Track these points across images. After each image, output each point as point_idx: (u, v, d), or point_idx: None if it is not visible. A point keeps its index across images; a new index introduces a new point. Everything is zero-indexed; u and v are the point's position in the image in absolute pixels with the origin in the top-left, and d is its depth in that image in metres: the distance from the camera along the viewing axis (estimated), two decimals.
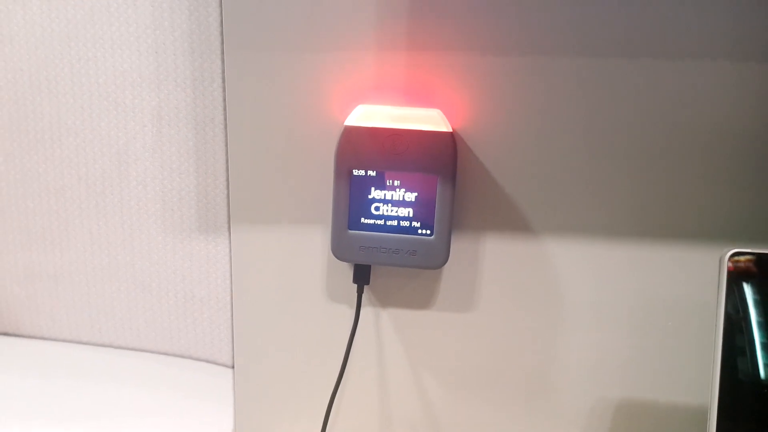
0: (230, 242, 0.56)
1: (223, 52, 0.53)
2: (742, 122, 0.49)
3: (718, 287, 0.41)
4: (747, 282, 0.41)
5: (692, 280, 0.52)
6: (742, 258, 0.40)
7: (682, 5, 0.47)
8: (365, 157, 0.49)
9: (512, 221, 0.52)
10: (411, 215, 0.50)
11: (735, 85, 0.48)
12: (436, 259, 0.50)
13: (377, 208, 0.50)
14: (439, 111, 0.49)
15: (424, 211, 0.49)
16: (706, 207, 0.50)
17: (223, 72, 0.54)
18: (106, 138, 0.57)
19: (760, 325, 0.41)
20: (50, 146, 0.58)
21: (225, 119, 0.55)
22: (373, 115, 0.49)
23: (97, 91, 0.56)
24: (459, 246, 0.52)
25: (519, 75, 0.49)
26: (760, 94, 0.48)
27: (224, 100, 0.54)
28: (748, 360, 0.42)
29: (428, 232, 0.50)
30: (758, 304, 0.41)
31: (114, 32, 0.55)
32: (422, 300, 0.54)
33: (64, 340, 0.65)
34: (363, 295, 0.53)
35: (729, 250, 0.40)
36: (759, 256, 0.40)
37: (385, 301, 0.54)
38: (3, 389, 0.59)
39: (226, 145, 0.55)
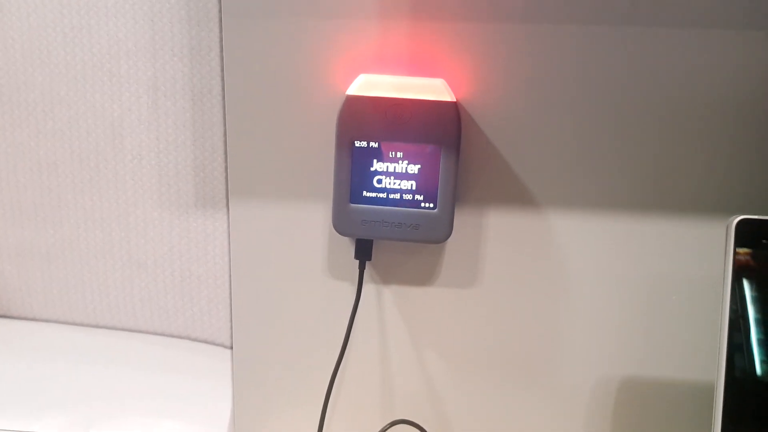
0: (228, 218, 0.56)
1: (221, 20, 0.53)
2: (746, 92, 0.49)
3: (725, 255, 0.41)
4: (754, 249, 0.42)
5: (697, 254, 0.52)
6: (749, 224, 0.41)
7: None
8: (367, 127, 0.49)
9: (516, 194, 0.52)
10: (414, 188, 0.50)
11: (738, 54, 0.49)
12: (439, 233, 0.51)
13: (379, 181, 0.50)
14: (442, 80, 0.50)
15: (427, 183, 0.50)
16: (710, 179, 0.51)
17: (221, 41, 0.54)
18: (100, 110, 0.58)
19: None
20: (42, 119, 0.59)
21: (223, 90, 0.55)
22: (376, 84, 0.49)
23: (90, 61, 0.57)
24: (462, 220, 0.53)
25: (524, 44, 0.49)
26: (762, 63, 0.49)
27: (222, 70, 0.55)
28: (756, 331, 0.42)
29: (431, 205, 0.50)
30: (766, 272, 0.41)
31: (108, 0, 0.55)
32: (425, 276, 0.55)
33: (57, 321, 0.65)
34: (365, 271, 0.54)
35: (736, 217, 0.41)
36: (766, 223, 0.41)
37: (387, 277, 0.55)
38: None
39: (224, 117, 0.55)
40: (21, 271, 0.63)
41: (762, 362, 0.42)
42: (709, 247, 0.52)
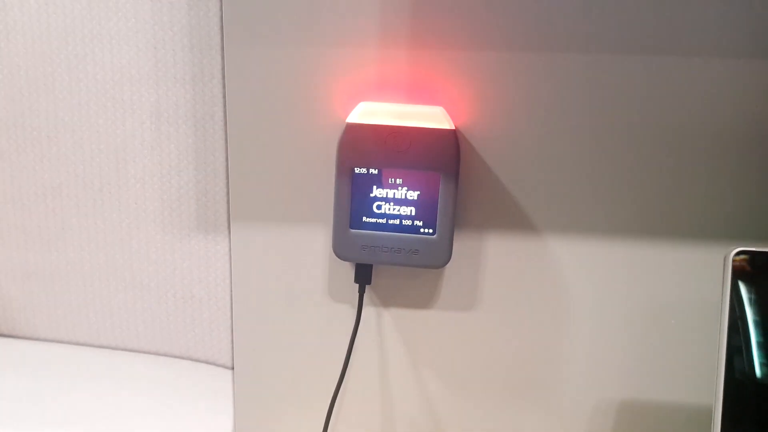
0: (230, 241, 0.57)
1: (222, 48, 0.54)
2: (747, 121, 0.50)
3: (723, 286, 0.42)
4: (752, 281, 0.42)
5: (696, 279, 0.53)
6: (746, 257, 0.41)
7: (686, 2, 0.48)
8: (367, 154, 0.50)
9: (515, 220, 0.53)
10: (413, 214, 0.51)
11: (739, 83, 0.49)
12: (439, 258, 0.51)
13: (379, 207, 0.51)
14: (441, 108, 0.50)
15: (426, 209, 0.51)
16: (710, 206, 0.51)
17: (223, 68, 0.55)
18: (104, 135, 0.58)
19: (765, 324, 0.42)
20: (47, 143, 0.59)
21: (225, 116, 0.56)
22: (376, 112, 0.50)
23: (94, 88, 0.57)
24: (461, 245, 0.53)
25: (523, 72, 0.50)
26: (762, 92, 0.49)
27: (224, 96, 0.55)
28: (752, 360, 0.43)
29: (430, 231, 0.51)
30: (763, 303, 0.42)
31: (112, 28, 0.56)
32: (424, 299, 0.55)
33: (61, 341, 0.65)
34: (364, 295, 0.54)
35: (734, 249, 0.41)
36: (764, 255, 0.41)
37: (386, 300, 0.55)
38: None
39: (226, 143, 0.56)
40: (26, 293, 0.64)
41: (759, 384, 0.43)
42: (709, 272, 0.52)
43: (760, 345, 0.42)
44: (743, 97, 0.49)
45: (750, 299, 0.42)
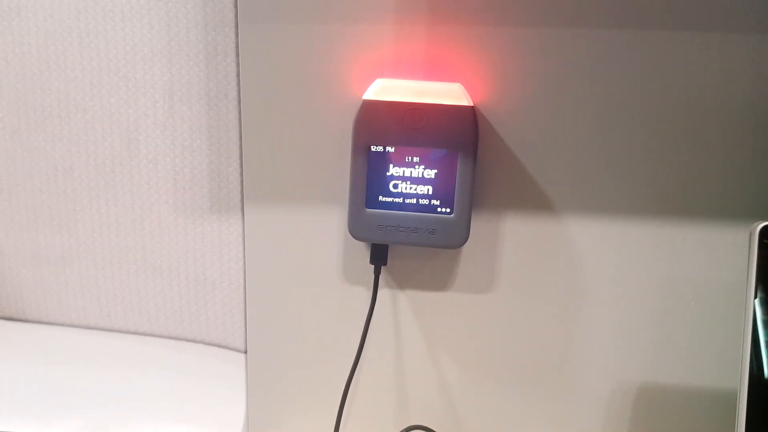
0: (243, 222, 0.56)
1: (236, 25, 0.54)
2: (766, 96, 0.49)
3: (748, 261, 0.41)
4: None
5: (717, 258, 0.52)
6: None
7: None
8: (384, 132, 0.50)
9: (534, 200, 0.52)
10: (430, 193, 0.50)
11: (758, 57, 0.48)
12: (456, 238, 0.51)
13: (396, 186, 0.50)
14: (459, 85, 0.50)
15: (443, 188, 0.50)
16: (731, 184, 0.51)
17: (237, 45, 0.54)
18: (116, 115, 0.58)
19: None
20: (58, 123, 0.59)
21: (238, 94, 0.55)
22: (392, 89, 0.49)
23: (106, 66, 0.57)
24: (479, 225, 0.53)
25: (541, 48, 0.49)
26: None
27: (238, 74, 0.55)
28: None
29: (448, 210, 0.50)
30: None
31: (124, 5, 0.56)
32: (441, 281, 0.55)
33: (71, 325, 0.65)
34: (380, 276, 0.54)
35: (759, 223, 0.41)
36: None
37: (402, 282, 0.55)
38: (9, 375, 0.60)
39: (240, 122, 0.55)
40: (36, 275, 0.64)
41: None
42: (729, 252, 0.52)
43: None
44: (762, 71, 0.49)
45: None
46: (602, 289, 0.54)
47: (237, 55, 0.55)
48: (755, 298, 0.42)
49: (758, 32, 0.48)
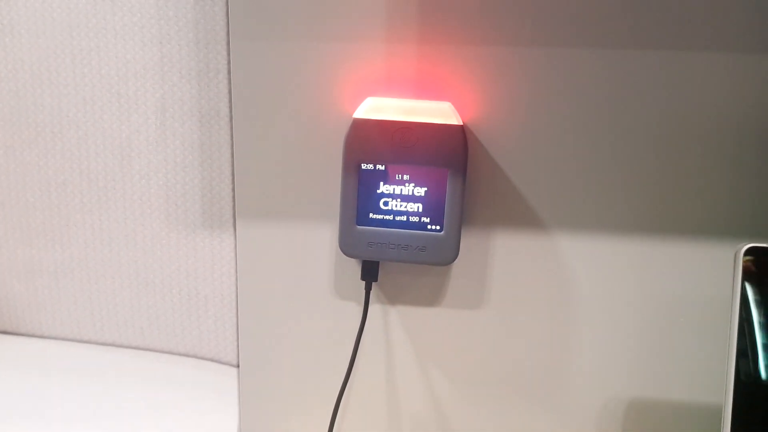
0: (236, 238, 0.57)
1: (228, 43, 0.54)
2: (756, 117, 0.49)
3: (733, 283, 0.42)
4: (763, 277, 0.42)
5: (706, 277, 0.52)
6: (757, 253, 0.41)
7: None
8: (374, 150, 0.50)
9: (523, 217, 0.52)
10: (420, 210, 0.51)
11: (749, 78, 0.49)
12: (446, 255, 0.51)
13: (386, 203, 0.51)
14: (449, 104, 0.50)
15: (433, 206, 0.50)
16: (720, 203, 0.51)
17: (229, 63, 0.55)
18: (109, 131, 0.58)
19: None
20: (51, 139, 0.59)
21: (230, 112, 0.56)
22: (383, 107, 0.50)
23: (99, 83, 0.57)
24: (469, 242, 0.53)
25: (531, 67, 0.50)
26: (766, 86, 0.49)
27: (230, 92, 0.55)
28: (764, 357, 0.43)
29: (438, 227, 0.51)
30: None
31: (117, 22, 0.56)
32: (432, 297, 0.55)
33: (65, 339, 0.65)
34: (371, 292, 0.54)
35: (744, 245, 0.41)
36: None
37: (393, 298, 0.55)
38: (3, 388, 0.60)
39: (232, 139, 0.56)
40: (30, 289, 0.64)
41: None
42: (718, 269, 0.52)
43: None
44: (753, 92, 0.49)
45: (761, 296, 0.42)
46: (592, 305, 0.54)
47: (229, 72, 0.55)
48: (740, 317, 0.42)
49: (749, 52, 0.48)
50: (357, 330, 0.54)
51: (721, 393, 0.44)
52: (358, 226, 0.51)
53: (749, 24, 0.48)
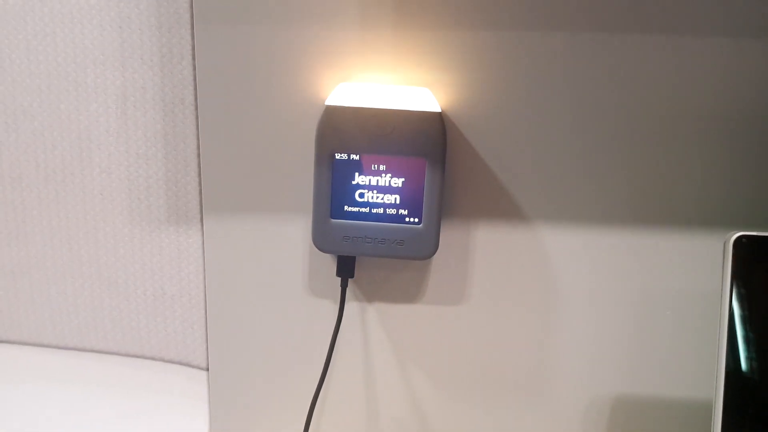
0: (203, 234, 0.56)
1: (193, 26, 0.53)
2: (743, 104, 0.49)
3: (723, 272, 0.41)
4: (753, 266, 0.41)
5: (693, 268, 0.52)
6: (747, 241, 0.40)
7: None
8: (348, 139, 0.49)
9: (505, 208, 0.52)
10: (398, 202, 0.50)
11: (734, 65, 0.49)
12: (425, 248, 0.50)
13: (362, 195, 0.50)
14: (428, 90, 0.49)
15: (411, 197, 0.49)
16: (706, 193, 0.51)
17: (194, 48, 0.53)
18: (66, 121, 0.57)
19: (767, 309, 0.41)
20: (4, 131, 0.57)
21: (196, 100, 0.54)
22: (357, 94, 0.48)
23: (55, 71, 0.56)
24: (449, 235, 0.52)
25: (513, 52, 0.49)
26: (759, 74, 0.49)
27: (195, 79, 0.54)
28: (755, 349, 0.42)
29: (416, 220, 0.50)
30: (765, 288, 0.41)
31: (74, 5, 0.54)
32: (410, 293, 0.54)
33: (23, 343, 0.64)
34: (347, 289, 0.53)
35: (733, 234, 0.41)
36: (765, 240, 0.40)
37: (370, 294, 0.54)
38: None
39: (198, 129, 0.54)
40: None
41: (761, 376, 0.42)
42: (704, 261, 0.52)
43: (762, 333, 0.41)
44: (739, 79, 0.49)
45: (751, 285, 0.41)
46: (576, 299, 0.54)
47: (193, 57, 0.54)
48: (729, 308, 0.41)
49: (736, 37, 0.48)
50: (333, 329, 0.53)
51: (710, 388, 0.44)
52: (333, 220, 0.50)
53: (741, 10, 0.47)
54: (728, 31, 0.48)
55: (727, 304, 0.42)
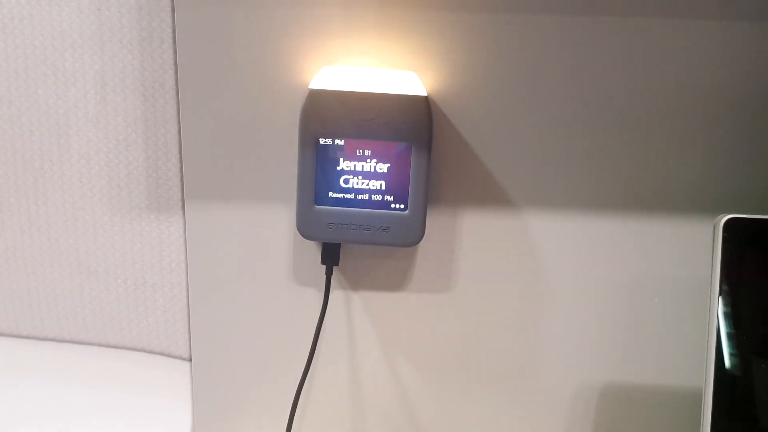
0: (185, 222, 0.55)
1: (173, 9, 0.52)
2: (735, 88, 0.49)
3: (713, 255, 0.41)
4: (743, 249, 0.41)
5: (682, 255, 0.52)
6: (737, 224, 0.40)
7: None
8: (333, 124, 0.48)
9: (492, 194, 0.51)
10: (383, 188, 0.49)
11: (725, 48, 0.48)
12: (411, 235, 0.49)
13: (346, 181, 0.49)
14: (413, 73, 0.48)
15: (397, 183, 0.49)
16: (696, 178, 0.51)
17: (174, 31, 0.52)
18: (44, 107, 0.55)
19: (758, 294, 0.41)
20: None
21: (176, 84, 0.53)
22: (341, 77, 0.48)
23: (32, 54, 0.54)
24: (435, 221, 0.52)
25: (501, 35, 0.48)
26: (752, 57, 0.49)
27: (175, 63, 0.53)
28: (744, 333, 0.41)
29: (402, 206, 0.49)
30: (756, 272, 0.41)
31: None
32: (396, 281, 0.54)
33: (1, 334, 0.62)
34: (332, 277, 0.53)
35: (723, 216, 0.41)
36: (756, 222, 0.40)
37: (356, 282, 0.54)
38: None
39: (178, 114, 0.53)
40: None
41: (750, 363, 0.41)
42: (691, 248, 0.52)
43: (752, 318, 0.41)
44: (730, 64, 0.49)
45: (740, 268, 0.41)
46: (564, 287, 0.53)
47: (174, 41, 0.53)
48: (720, 293, 0.41)
49: (726, 19, 0.48)
50: (317, 318, 0.53)
51: (699, 376, 0.44)
52: (317, 206, 0.49)
53: None
54: (723, 16, 0.47)
55: (717, 287, 0.41)
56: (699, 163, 0.50)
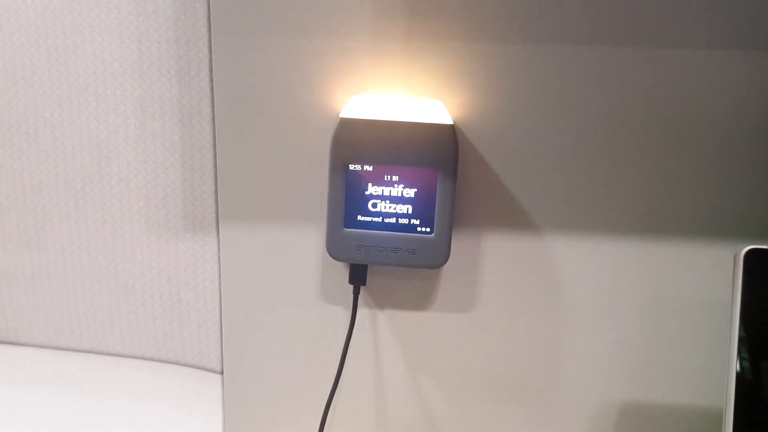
0: (219, 241, 0.56)
1: (210, 40, 0.53)
2: (755, 115, 0.49)
3: (733, 286, 0.41)
4: (763, 280, 0.41)
5: (702, 278, 0.52)
6: (758, 255, 0.40)
7: None
8: (362, 150, 0.49)
9: (515, 218, 0.51)
10: (410, 212, 0.49)
11: (746, 76, 0.48)
12: (437, 257, 0.50)
13: (374, 205, 0.49)
14: (440, 102, 0.49)
15: (423, 207, 0.49)
16: (717, 204, 0.51)
17: (211, 61, 0.53)
18: (86, 131, 0.57)
19: None
20: (26, 140, 0.58)
21: (212, 111, 0.54)
22: (371, 106, 0.48)
23: (76, 82, 0.56)
24: (460, 244, 0.52)
25: (523, 65, 0.49)
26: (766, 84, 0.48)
27: (212, 90, 0.54)
28: (765, 362, 0.42)
29: (428, 229, 0.49)
30: None
31: (94, 19, 0.54)
32: (421, 301, 0.54)
33: (42, 346, 0.64)
34: (359, 296, 0.53)
35: (744, 248, 0.40)
36: None
37: (382, 302, 0.54)
38: None
39: (214, 139, 0.54)
40: (5, 295, 0.62)
41: None
42: (712, 271, 0.51)
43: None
44: (752, 91, 0.48)
45: (761, 299, 0.41)
46: (585, 308, 0.53)
47: (210, 70, 0.54)
48: (740, 321, 0.41)
49: (749, 49, 0.47)
50: (345, 335, 0.53)
51: (718, 397, 0.44)
52: (346, 229, 0.50)
53: (742, 21, 0.47)
54: (734, 44, 0.47)
55: (737, 317, 0.41)
56: (718, 188, 0.50)
